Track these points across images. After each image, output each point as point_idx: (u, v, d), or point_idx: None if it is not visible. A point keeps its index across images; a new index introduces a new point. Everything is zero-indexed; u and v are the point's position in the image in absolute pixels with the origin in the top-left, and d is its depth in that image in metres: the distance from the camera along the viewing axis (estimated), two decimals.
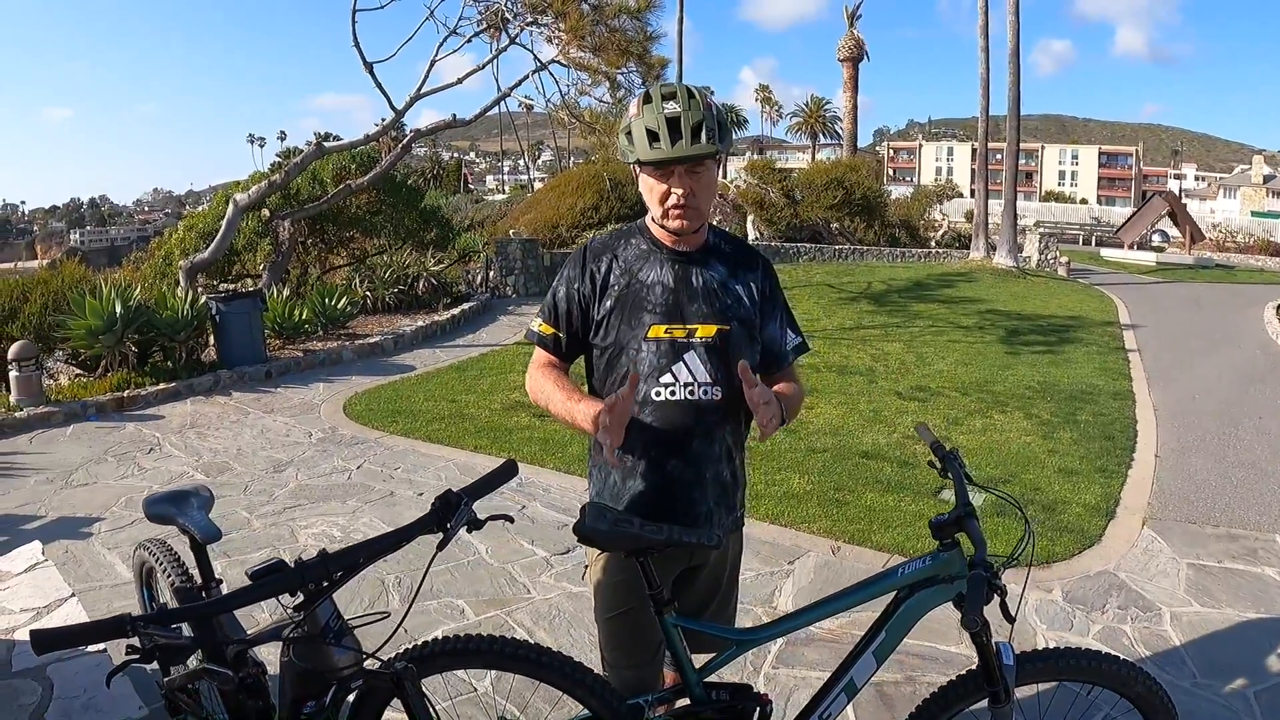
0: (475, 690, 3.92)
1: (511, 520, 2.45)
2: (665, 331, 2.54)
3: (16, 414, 8.97)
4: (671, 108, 2.39)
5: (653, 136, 2.39)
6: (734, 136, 2.88)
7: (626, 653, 2.75)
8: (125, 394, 9.85)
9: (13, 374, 9.29)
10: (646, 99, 2.45)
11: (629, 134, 2.46)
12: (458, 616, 4.85)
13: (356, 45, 14.74)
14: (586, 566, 2.82)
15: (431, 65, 15.50)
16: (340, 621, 2.07)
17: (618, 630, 2.74)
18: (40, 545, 5.15)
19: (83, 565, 5.53)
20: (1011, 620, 2.33)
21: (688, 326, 2.55)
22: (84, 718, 3.30)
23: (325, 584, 1.99)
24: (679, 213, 2.49)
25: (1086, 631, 4.78)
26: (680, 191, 2.45)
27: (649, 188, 2.52)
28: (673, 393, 2.54)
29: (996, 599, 2.34)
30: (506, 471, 2.43)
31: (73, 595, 4.41)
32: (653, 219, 2.61)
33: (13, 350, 9.37)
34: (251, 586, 1.90)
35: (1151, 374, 12.02)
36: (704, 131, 2.38)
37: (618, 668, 2.76)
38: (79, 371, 11.21)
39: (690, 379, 2.54)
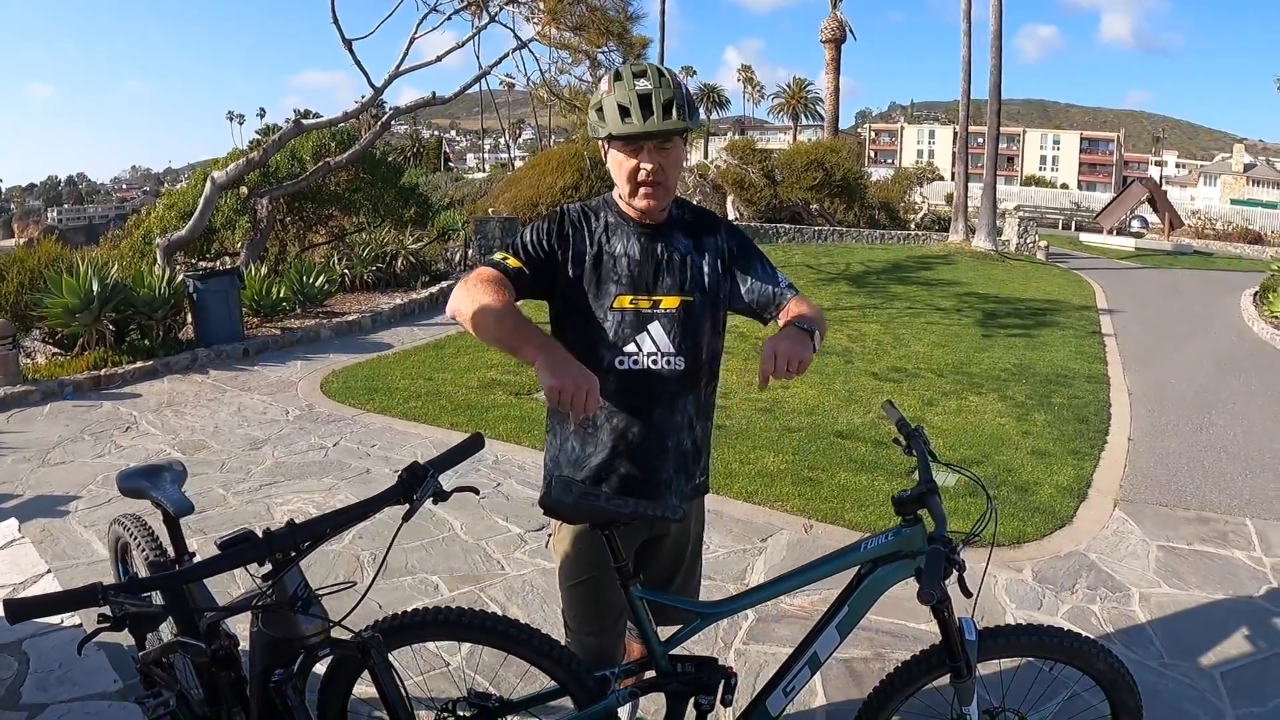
0: (448, 665, 3.96)
1: (477, 492, 2.48)
2: (630, 302, 2.58)
3: None
4: (643, 85, 2.42)
5: (624, 112, 2.41)
6: (715, 116, 2.92)
7: (588, 620, 2.82)
8: (102, 373, 9.81)
9: None
10: (617, 76, 2.49)
11: (600, 110, 2.48)
12: (432, 592, 4.88)
13: (335, 22, 14.65)
14: (550, 535, 2.87)
15: (411, 42, 15.42)
16: (308, 591, 2.11)
17: (580, 598, 2.80)
18: (16, 523, 5.13)
19: (60, 543, 5.54)
20: (968, 595, 2.36)
21: (653, 297, 2.59)
22: (59, 690, 3.32)
23: (292, 553, 2.02)
24: (648, 190, 2.52)
25: (1056, 611, 4.83)
26: (649, 167, 2.48)
27: (618, 164, 2.53)
28: (635, 362, 2.58)
29: (955, 574, 2.37)
30: (473, 444, 2.46)
31: (49, 572, 4.41)
32: (620, 196, 2.63)
33: None
34: (220, 556, 1.93)
35: (1127, 358, 12.11)
36: (675, 108, 2.41)
37: (579, 634, 2.83)
38: (56, 350, 11.15)
39: (654, 349, 2.58)
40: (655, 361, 2.59)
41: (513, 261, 2.56)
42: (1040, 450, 7.70)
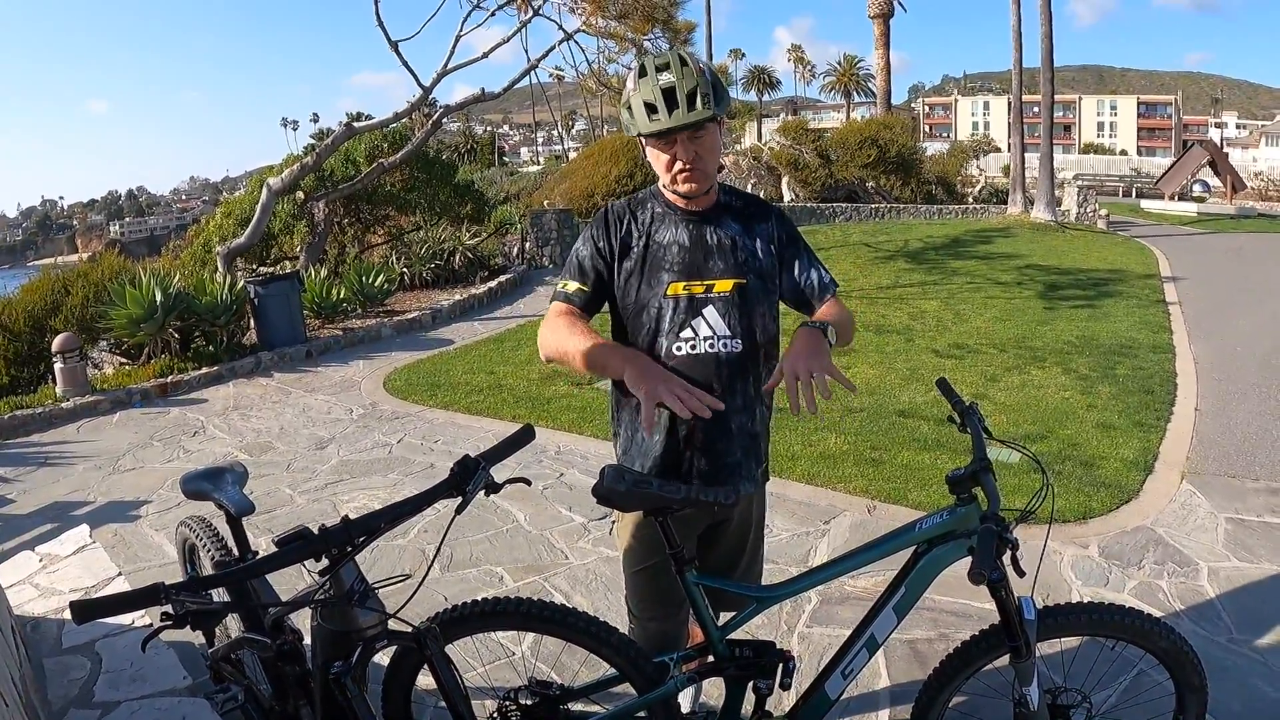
0: (512, 655, 4.00)
1: (529, 484, 2.51)
2: (684, 288, 2.62)
3: (63, 404, 9.14)
4: (665, 79, 2.45)
5: (650, 109, 2.46)
6: (767, 98, 2.96)
7: (651, 605, 2.87)
8: (169, 380, 10.00)
9: (58, 365, 9.47)
10: (641, 72, 2.53)
11: (629, 109, 2.54)
12: (496, 583, 4.93)
13: (380, 24, 14.75)
14: (614, 523, 2.91)
15: (457, 40, 15.48)
16: (364, 584, 2.15)
17: (642, 584, 2.85)
18: (88, 528, 5.27)
19: (131, 546, 5.68)
20: (1021, 574, 2.34)
21: (705, 282, 2.63)
22: (131, 688, 3.40)
23: (348, 548, 2.06)
24: (687, 175, 2.57)
25: (1122, 587, 4.75)
26: (685, 158, 2.54)
27: (655, 158, 2.61)
28: (693, 346, 2.61)
29: (1009, 553, 2.35)
30: (523, 436, 2.49)
31: (120, 575, 4.52)
32: (664, 186, 2.69)
33: (57, 343, 9.55)
34: (277, 553, 1.98)
35: (1192, 327, 11.89)
36: (699, 98, 2.43)
37: (643, 620, 2.89)
38: (123, 360, 11.40)
39: (710, 332, 2.61)
40: (713, 345, 2.61)
41: (573, 286, 2.69)
42: (1105, 423, 7.58)
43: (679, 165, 2.55)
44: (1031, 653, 2.48)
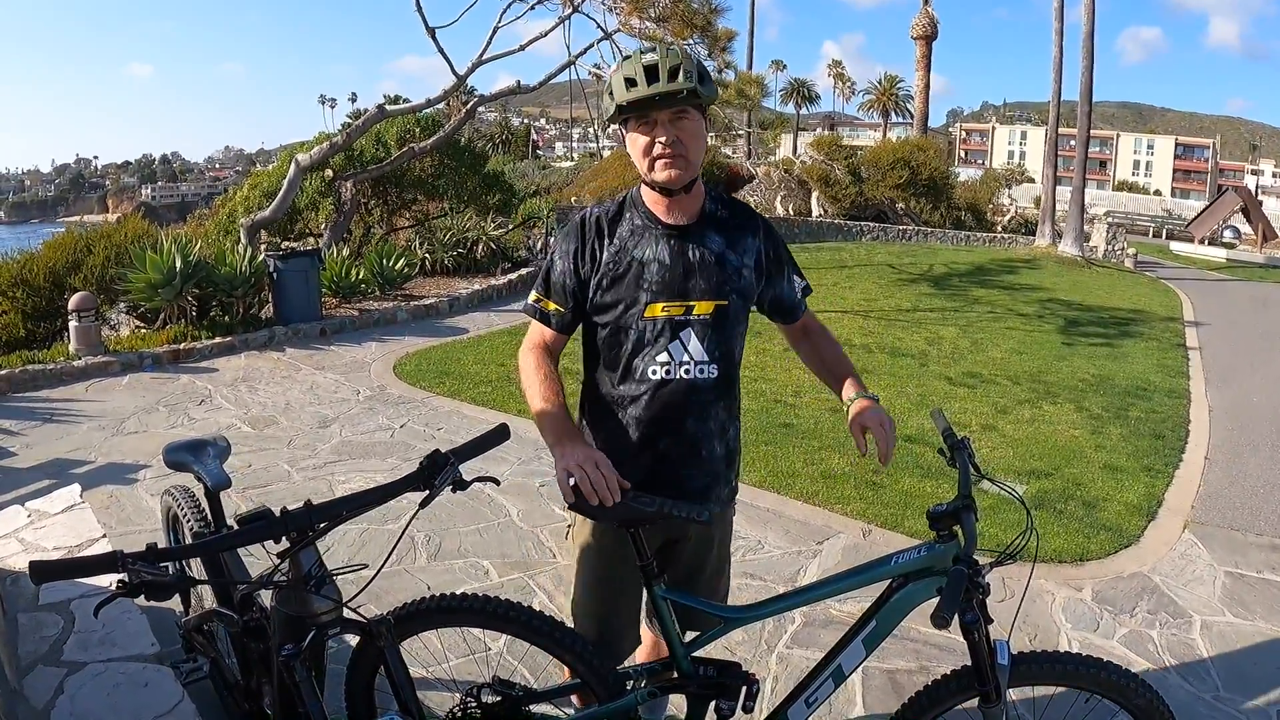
0: (488, 650, 3.98)
1: (498, 483, 2.48)
2: (663, 310, 2.49)
3: (75, 362, 9.19)
4: (649, 58, 2.35)
5: (630, 82, 2.34)
6: (805, 112, 2.88)
7: (602, 619, 2.75)
8: (181, 346, 10.05)
9: (73, 324, 9.54)
10: (626, 58, 2.45)
11: (610, 91, 2.42)
12: (481, 577, 4.91)
13: (419, 9, 14.78)
14: (569, 526, 2.82)
15: (495, 32, 15.48)
16: (322, 570, 2.13)
17: (596, 594, 2.74)
18: (79, 488, 5.26)
19: (125, 509, 5.72)
20: (989, 620, 2.29)
21: (686, 303, 2.50)
22: (99, 651, 3.40)
23: (308, 533, 2.05)
24: (666, 161, 2.41)
25: (1112, 634, 4.68)
26: (664, 139, 2.39)
27: (634, 143, 2.46)
28: (669, 371, 2.50)
29: (979, 598, 2.30)
30: (497, 435, 2.46)
31: (104, 536, 4.51)
32: (645, 183, 2.55)
33: (73, 301, 9.62)
34: (236, 531, 1.98)
35: (1211, 374, 11.77)
36: (681, 73, 2.32)
37: (587, 630, 2.73)
38: (139, 323, 11.45)
39: (687, 358, 2.50)
40: (689, 371, 2.51)
41: (550, 305, 2.61)
42: (1112, 465, 7.51)
43: (658, 148, 2.39)
44: (1001, 698, 2.41)
